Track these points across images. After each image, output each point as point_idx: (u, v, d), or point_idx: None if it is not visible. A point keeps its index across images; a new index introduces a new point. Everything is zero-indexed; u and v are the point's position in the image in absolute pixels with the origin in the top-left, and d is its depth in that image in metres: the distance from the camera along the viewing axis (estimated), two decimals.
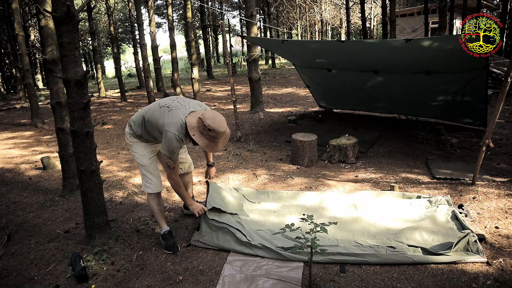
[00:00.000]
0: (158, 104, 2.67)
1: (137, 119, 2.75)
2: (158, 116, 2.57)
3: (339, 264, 2.51)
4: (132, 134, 2.80)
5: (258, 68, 7.96)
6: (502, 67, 8.51)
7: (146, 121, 2.66)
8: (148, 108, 2.73)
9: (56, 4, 2.54)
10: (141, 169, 2.88)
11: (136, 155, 2.85)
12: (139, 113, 2.77)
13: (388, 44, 4.85)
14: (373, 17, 27.04)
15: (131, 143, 2.83)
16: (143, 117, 2.69)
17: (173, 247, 2.79)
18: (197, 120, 2.45)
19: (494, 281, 2.24)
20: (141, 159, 2.83)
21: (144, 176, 2.87)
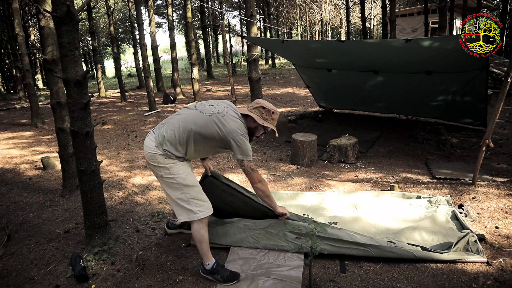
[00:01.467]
0: (202, 113, 2.33)
1: (180, 137, 2.29)
2: (214, 126, 2.27)
3: (339, 264, 2.51)
4: (166, 155, 2.31)
5: (258, 68, 7.95)
6: (502, 67, 8.51)
7: (197, 135, 2.29)
8: (187, 121, 2.31)
9: (56, 4, 2.54)
10: (188, 192, 2.33)
11: (178, 177, 2.32)
12: (177, 128, 2.29)
13: (388, 44, 4.85)
14: (373, 17, 27.04)
15: (167, 165, 2.31)
16: (191, 131, 2.28)
17: (235, 276, 2.39)
18: (256, 110, 2.43)
19: (494, 281, 2.24)
20: (188, 179, 2.35)
21: (193, 200, 2.34)
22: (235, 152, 2.31)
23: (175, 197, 2.35)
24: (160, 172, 2.33)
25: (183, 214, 2.35)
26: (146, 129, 7.58)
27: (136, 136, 7.01)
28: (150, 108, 9.67)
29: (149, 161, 2.37)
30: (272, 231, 2.67)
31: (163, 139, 2.31)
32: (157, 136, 2.34)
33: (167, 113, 9.25)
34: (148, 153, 2.34)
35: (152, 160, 2.33)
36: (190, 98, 11.27)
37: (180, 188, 2.33)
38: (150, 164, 2.38)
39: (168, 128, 2.33)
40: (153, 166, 2.35)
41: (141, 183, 4.34)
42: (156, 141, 2.32)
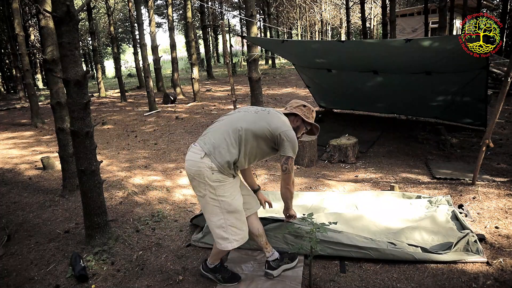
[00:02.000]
0: (247, 112, 2.25)
1: (231, 139, 2.10)
2: (263, 122, 2.15)
3: (339, 264, 2.51)
4: (217, 167, 2.06)
5: (258, 68, 7.95)
6: (502, 67, 8.51)
7: (248, 133, 2.12)
8: (234, 122, 2.18)
9: (56, 4, 2.54)
10: (228, 219, 2.12)
11: (224, 201, 2.10)
12: (226, 131, 2.13)
13: (388, 44, 4.85)
14: (373, 17, 27.04)
15: (214, 184, 2.07)
16: (242, 130, 2.11)
17: (235, 278, 2.38)
18: (299, 109, 2.38)
19: (494, 281, 2.24)
20: (234, 204, 2.13)
21: (231, 228, 2.14)
22: (285, 148, 2.16)
23: (214, 222, 2.14)
24: (205, 191, 2.08)
25: (218, 241, 2.17)
26: (146, 129, 7.59)
27: (136, 136, 7.01)
28: (150, 108, 9.67)
29: (194, 176, 2.10)
30: (271, 234, 2.67)
31: (212, 147, 2.09)
32: (204, 145, 2.11)
33: (167, 113, 9.25)
34: (193, 168, 2.08)
35: (198, 176, 2.07)
36: (190, 98, 11.27)
37: (221, 213, 2.11)
38: (194, 180, 2.12)
39: (215, 134, 2.14)
40: (197, 182, 2.10)
41: (141, 183, 4.34)
42: (203, 151, 2.08)
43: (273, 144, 2.20)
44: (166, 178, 4.50)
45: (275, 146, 2.21)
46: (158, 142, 6.43)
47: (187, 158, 2.16)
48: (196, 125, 7.53)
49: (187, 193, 4.00)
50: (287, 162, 2.19)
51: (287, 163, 2.20)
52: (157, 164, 5.10)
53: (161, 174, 4.66)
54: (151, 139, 6.70)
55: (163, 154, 5.60)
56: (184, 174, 4.59)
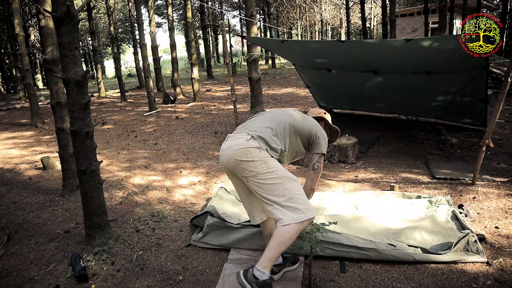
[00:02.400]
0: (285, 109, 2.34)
1: (277, 131, 2.13)
2: (304, 121, 2.25)
3: (339, 264, 2.51)
4: (265, 147, 2.07)
5: (258, 68, 7.96)
6: (502, 67, 8.51)
7: (291, 128, 2.18)
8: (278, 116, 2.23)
9: (56, 4, 2.54)
10: (291, 187, 2.00)
11: (278, 169, 2.03)
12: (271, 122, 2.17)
13: (388, 44, 4.85)
14: (373, 17, 27.05)
15: (263, 158, 2.02)
16: (287, 123, 2.17)
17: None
18: (325, 115, 2.51)
19: (494, 281, 2.24)
20: (288, 172, 2.08)
21: (298, 196, 1.99)
22: (320, 146, 2.22)
23: (276, 195, 1.96)
24: (256, 168, 1.97)
25: (286, 214, 1.92)
26: (146, 129, 7.59)
27: (136, 136, 7.01)
28: (150, 108, 9.68)
29: (240, 158, 2.00)
30: None
31: (258, 133, 2.08)
32: (249, 132, 2.09)
33: (167, 113, 9.26)
34: (239, 150, 2.02)
35: (246, 156, 1.99)
36: (190, 98, 11.28)
37: (281, 183, 1.97)
38: (242, 163, 2.00)
39: (258, 125, 2.14)
40: (245, 163, 1.99)
41: (141, 183, 4.34)
42: (249, 135, 2.07)
43: (308, 143, 2.26)
44: (166, 178, 4.50)
45: (308, 147, 2.28)
46: (158, 142, 6.43)
47: (228, 145, 2.09)
48: (196, 125, 7.53)
49: (187, 193, 4.00)
50: (320, 160, 2.24)
51: (320, 161, 2.24)
52: (157, 164, 5.10)
53: (161, 174, 4.66)
54: (151, 139, 6.70)
55: (163, 154, 5.60)
56: (184, 174, 4.58)
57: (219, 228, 2.85)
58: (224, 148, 2.14)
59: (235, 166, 2.05)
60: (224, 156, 2.12)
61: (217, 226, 2.84)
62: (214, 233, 2.85)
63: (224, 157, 2.12)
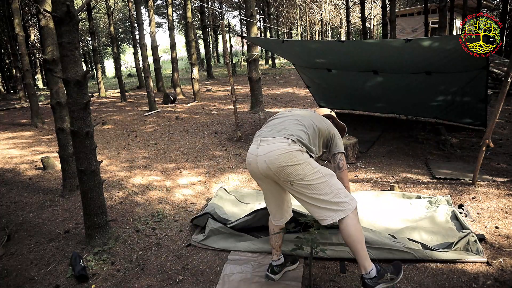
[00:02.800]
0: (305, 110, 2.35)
1: (310, 133, 2.14)
2: (322, 122, 2.29)
3: (339, 264, 2.51)
4: (305, 150, 2.06)
5: (258, 68, 7.96)
6: (502, 67, 8.51)
7: (317, 130, 2.21)
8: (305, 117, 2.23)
9: (56, 4, 2.54)
10: (335, 183, 2.04)
11: (321, 169, 2.04)
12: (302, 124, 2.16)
13: (388, 44, 4.85)
14: (373, 17, 27.05)
15: (307, 159, 2.02)
16: (315, 126, 2.20)
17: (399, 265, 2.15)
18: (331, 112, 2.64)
19: (494, 281, 2.24)
20: (326, 168, 2.10)
21: (341, 190, 2.03)
22: (338, 146, 2.32)
23: (324, 193, 1.97)
24: (302, 170, 1.96)
25: (334, 210, 1.98)
26: (146, 129, 7.59)
27: (136, 136, 7.01)
28: (150, 108, 9.68)
29: (285, 162, 1.95)
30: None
31: (297, 136, 2.05)
32: (288, 135, 2.04)
33: (167, 113, 9.26)
34: (283, 154, 1.96)
35: (290, 160, 1.95)
36: (190, 98, 11.28)
37: (326, 181, 1.99)
38: (286, 168, 1.95)
39: (292, 127, 2.12)
40: (292, 168, 1.95)
41: (141, 183, 4.34)
42: (289, 139, 2.02)
43: (326, 144, 2.33)
44: (166, 178, 4.50)
45: (325, 148, 2.34)
46: (158, 142, 6.43)
47: (266, 150, 2.01)
48: (196, 125, 7.53)
49: (187, 193, 4.00)
50: (342, 158, 2.32)
51: (343, 159, 2.32)
52: (157, 164, 5.10)
53: (161, 174, 4.67)
54: (151, 139, 6.70)
55: (163, 154, 5.61)
56: (184, 174, 4.59)
57: (221, 233, 2.85)
58: (259, 154, 2.03)
59: (278, 172, 1.98)
60: (261, 162, 2.01)
61: (219, 231, 2.85)
62: (215, 237, 2.86)
63: (261, 163, 2.01)
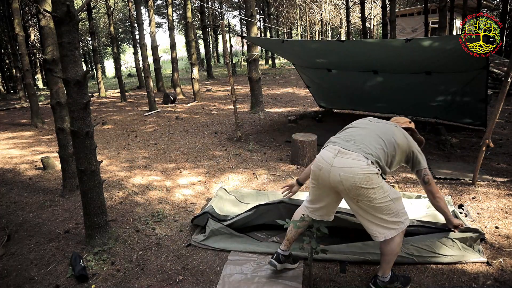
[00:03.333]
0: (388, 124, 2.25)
1: (389, 151, 2.09)
2: (403, 138, 2.17)
3: (339, 264, 2.51)
4: (380, 172, 2.04)
5: (258, 68, 7.96)
6: (502, 67, 8.52)
7: (397, 147, 2.13)
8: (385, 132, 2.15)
9: (56, 4, 2.54)
10: (397, 205, 2.08)
11: (390, 192, 2.06)
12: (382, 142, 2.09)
13: (388, 44, 4.85)
14: (373, 17, 27.05)
15: (381, 183, 2.02)
16: (395, 143, 2.12)
17: (408, 279, 2.28)
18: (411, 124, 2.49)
19: (494, 281, 2.24)
20: (395, 191, 2.12)
21: (401, 211, 2.10)
22: (420, 162, 2.22)
23: (385, 214, 2.05)
24: (374, 194, 1.99)
25: (390, 229, 2.07)
26: (146, 129, 7.59)
27: (136, 136, 7.01)
28: (150, 108, 9.68)
29: (360, 184, 1.97)
30: None
31: (375, 155, 2.03)
32: (365, 153, 2.02)
33: (167, 113, 9.26)
34: (360, 175, 1.96)
35: (366, 183, 1.97)
36: (190, 98, 11.28)
37: (391, 204, 2.05)
38: (361, 189, 1.98)
39: (371, 142, 2.08)
40: (365, 190, 1.98)
41: (141, 183, 4.34)
42: (366, 158, 2.00)
43: (406, 161, 2.24)
44: (166, 178, 4.50)
45: (406, 163, 2.26)
46: (158, 142, 6.43)
47: (345, 165, 2.01)
48: (196, 125, 7.53)
49: (187, 193, 4.00)
50: (427, 172, 2.23)
51: (427, 173, 2.23)
52: (157, 164, 5.10)
53: (161, 174, 4.67)
54: (151, 139, 6.70)
55: (163, 154, 5.60)
56: (184, 174, 4.59)
57: (222, 234, 2.85)
58: (334, 164, 2.04)
59: (350, 189, 2.01)
60: (335, 173, 2.03)
61: (220, 231, 2.85)
62: (216, 237, 2.86)
63: (335, 175, 2.03)
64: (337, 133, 2.33)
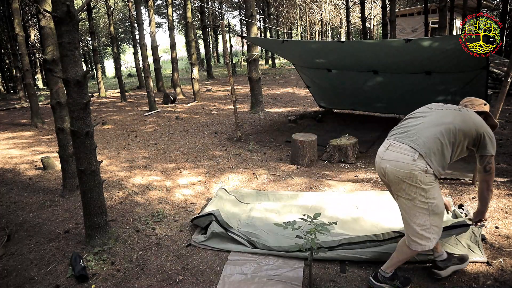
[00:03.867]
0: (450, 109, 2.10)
1: (446, 141, 1.96)
2: (470, 121, 2.01)
3: (339, 264, 2.51)
4: (432, 170, 1.94)
5: (258, 68, 7.96)
6: (502, 67, 8.51)
7: (460, 134, 1.98)
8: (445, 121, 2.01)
9: (56, 4, 2.54)
10: (434, 220, 2.00)
11: (433, 203, 1.97)
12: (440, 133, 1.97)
13: (388, 44, 4.85)
14: (373, 17, 27.04)
15: (426, 187, 1.94)
16: (455, 131, 1.97)
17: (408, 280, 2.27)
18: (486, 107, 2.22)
19: (494, 281, 2.24)
20: (441, 205, 2.03)
21: (434, 228, 2.01)
22: (487, 147, 2.02)
23: (417, 224, 2.00)
24: (415, 194, 1.95)
25: (417, 241, 2.02)
26: (146, 129, 7.59)
27: (136, 136, 7.01)
28: (150, 108, 9.68)
29: (403, 179, 1.95)
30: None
31: (426, 148, 1.93)
32: (416, 145, 1.94)
33: (167, 113, 9.25)
34: (403, 170, 1.94)
35: (410, 179, 1.93)
36: (190, 98, 11.28)
37: (428, 215, 1.98)
38: (403, 183, 1.96)
39: (425, 133, 1.98)
40: (407, 185, 1.95)
41: (141, 183, 4.34)
42: (416, 151, 1.92)
43: (473, 144, 2.06)
44: (166, 178, 4.50)
45: (472, 147, 2.08)
46: (158, 142, 6.43)
47: (391, 158, 2.00)
48: (196, 125, 7.53)
49: (187, 193, 4.00)
50: (491, 161, 2.06)
51: (491, 162, 2.06)
52: (157, 164, 5.10)
53: (161, 174, 4.66)
54: (151, 139, 6.70)
55: (163, 154, 5.60)
56: (184, 174, 4.58)
57: (223, 237, 2.85)
58: (384, 157, 2.05)
59: (393, 181, 2.02)
60: (383, 166, 2.05)
61: (221, 236, 2.85)
62: (216, 239, 2.86)
63: (383, 168, 2.05)
64: (399, 122, 2.23)
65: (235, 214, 3.25)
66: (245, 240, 2.78)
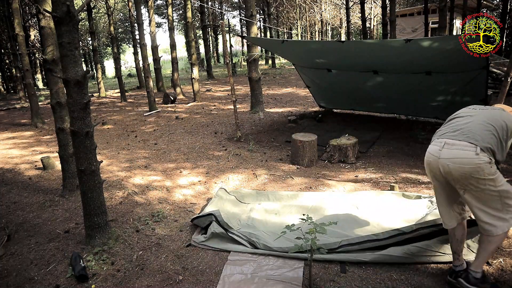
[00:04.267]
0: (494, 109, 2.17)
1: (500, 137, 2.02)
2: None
3: (339, 264, 2.51)
4: (493, 161, 2.00)
5: (258, 68, 7.96)
6: (502, 67, 8.50)
7: (508, 130, 2.06)
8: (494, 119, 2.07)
9: (56, 4, 2.54)
10: (506, 202, 2.01)
11: (503, 190, 1.99)
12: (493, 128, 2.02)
13: (388, 44, 4.85)
14: (373, 17, 27.04)
15: (494, 175, 1.98)
16: (505, 128, 2.04)
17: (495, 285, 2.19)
18: None
19: (494, 281, 2.23)
20: (509, 189, 2.04)
21: (508, 208, 2.03)
22: None
23: (489, 211, 2.01)
24: (484, 186, 1.97)
25: (497, 225, 2.01)
26: (146, 129, 7.59)
27: (136, 136, 7.01)
28: (150, 108, 9.67)
29: (470, 174, 1.96)
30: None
31: (485, 142, 1.97)
32: (475, 141, 1.97)
33: (167, 113, 9.25)
34: (469, 166, 1.95)
35: (477, 173, 1.94)
36: (190, 98, 11.28)
37: (500, 201, 2.00)
38: (471, 178, 1.97)
39: (479, 129, 2.02)
40: (475, 180, 1.96)
41: (141, 183, 4.34)
42: (476, 146, 1.96)
43: None
44: (166, 178, 4.50)
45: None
46: (158, 142, 6.43)
47: (452, 155, 2.01)
48: (196, 125, 7.53)
49: (187, 193, 4.00)
50: None
51: None
52: (157, 164, 5.10)
53: (161, 174, 4.66)
54: (151, 139, 6.70)
55: (163, 154, 5.60)
56: (184, 174, 4.58)
57: (223, 237, 2.85)
58: (442, 156, 2.05)
59: (459, 179, 2.02)
60: (444, 165, 2.04)
61: (221, 236, 2.85)
62: (216, 239, 2.86)
63: (444, 166, 2.04)
64: (441, 125, 2.27)
65: (235, 214, 3.25)
66: (245, 241, 2.78)
